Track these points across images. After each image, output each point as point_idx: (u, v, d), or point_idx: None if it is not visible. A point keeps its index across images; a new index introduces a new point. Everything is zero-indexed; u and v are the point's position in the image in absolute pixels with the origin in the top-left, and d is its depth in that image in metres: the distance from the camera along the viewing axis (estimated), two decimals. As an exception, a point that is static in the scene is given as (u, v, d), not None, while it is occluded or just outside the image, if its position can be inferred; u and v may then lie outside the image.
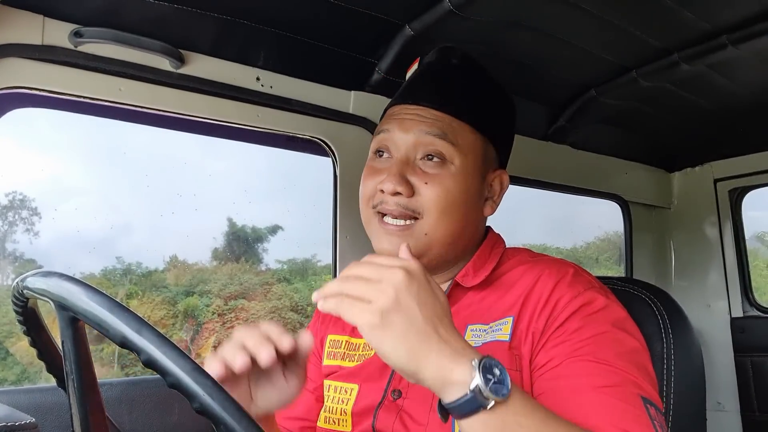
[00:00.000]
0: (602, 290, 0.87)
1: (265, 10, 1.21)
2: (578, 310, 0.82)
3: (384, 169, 0.93)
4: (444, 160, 0.91)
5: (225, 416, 0.50)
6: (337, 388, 1.00)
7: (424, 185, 0.90)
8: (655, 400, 0.77)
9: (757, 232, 3.54)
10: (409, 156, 0.93)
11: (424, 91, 0.96)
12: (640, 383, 0.76)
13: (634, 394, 0.74)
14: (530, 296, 0.87)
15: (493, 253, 0.98)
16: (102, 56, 1.14)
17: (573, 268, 0.89)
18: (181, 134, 1.36)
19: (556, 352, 0.80)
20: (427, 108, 0.94)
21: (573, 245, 4.05)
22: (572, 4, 1.21)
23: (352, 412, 0.95)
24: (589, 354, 0.78)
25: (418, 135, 0.92)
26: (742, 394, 2.16)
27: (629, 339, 0.81)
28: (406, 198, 0.90)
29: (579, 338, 0.80)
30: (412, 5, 1.23)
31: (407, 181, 0.90)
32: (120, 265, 3.64)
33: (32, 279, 0.64)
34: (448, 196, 0.90)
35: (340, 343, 1.05)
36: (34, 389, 1.10)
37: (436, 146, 0.91)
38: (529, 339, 0.83)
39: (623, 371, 0.76)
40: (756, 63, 1.47)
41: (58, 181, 2.72)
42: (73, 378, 0.59)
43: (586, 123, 1.86)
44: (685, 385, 0.97)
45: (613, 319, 0.83)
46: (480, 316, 0.91)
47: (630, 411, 0.73)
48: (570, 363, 0.78)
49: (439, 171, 0.91)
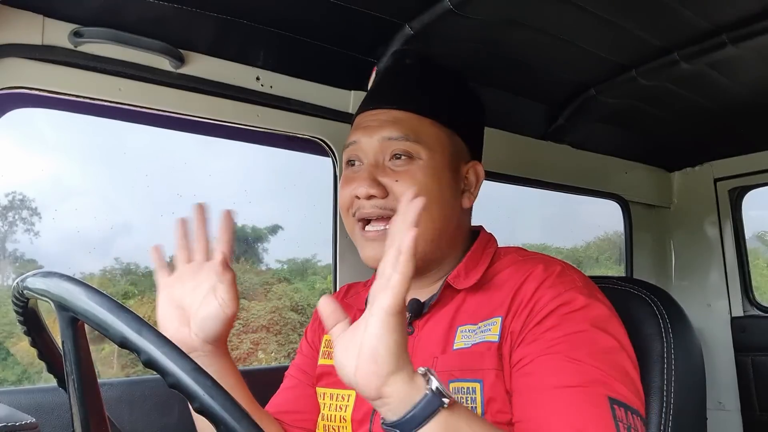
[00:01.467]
0: (585, 289, 0.86)
1: (265, 10, 1.21)
2: (556, 309, 0.82)
3: (356, 176, 0.96)
4: (411, 157, 0.94)
5: (225, 416, 0.51)
6: (333, 396, 1.00)
7: (395, 183, 0.93)
8: (627, 400, 0.76)
9: (758, 232, 3.54)
10: (377, 159, 0.95)
11: (382, 94, 1.00)
12: (609, 383, 0.76)
13: (599, 394, 0.74)
14: (516, 296, 0.87)
15: (485, 253, 0.98)
16: (102, 56, 1.14)
17: (560, 267, 0.89)
18: (181, 134, 1.36)
19: (529, 350, 0.80)
20: (387, 110, 0.97)
21: (573, 245, 4.05)
22: (571, 3, 1.21)
23: (352, 419, 0.95)
24: (560, 352, 0.78)
25: (382, 137, 0.95)
26: (743, 394, 2.16)
27: (606, 338, 0.81)
28: (381, 199, 0.93)
29: (552, 336, 0.80)
30: (411, 4, 1.23)
31: (379, 182, 0.93)
32: (119, 266, 3.64)
33: (32, 279, 0.64)
34: (421, 189, 0.90)
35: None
36: (35, 389, 1.10)
37: (401, 145, 0.94)
38: (509, 338, 0.84)
39: (593, 371, 0.76)
40: (756, 62, 1.47)
41: (58, 181, 2.71)
42: (74, 378, 0.59)
43: (586, 122, 1.86)
44: (686, 384, 0.97)
45: (592, 318, 0.82)
46: (469, 316, 0.91)
47: (590, 411, 0.72)
48: (540, 361, 0.78)
49: (407, 167, 0.94)
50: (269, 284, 5.11)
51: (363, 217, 0.95)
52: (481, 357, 0.84)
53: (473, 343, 0.87)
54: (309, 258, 5.12)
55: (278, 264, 5.29)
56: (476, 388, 0.83)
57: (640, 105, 1.78)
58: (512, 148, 1.81)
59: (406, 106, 0.96)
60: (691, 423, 0.99)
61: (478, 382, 0.83)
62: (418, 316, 0.96)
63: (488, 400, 0.81)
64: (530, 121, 1.83)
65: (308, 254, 5.05)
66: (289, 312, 4.94)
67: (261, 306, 4.96)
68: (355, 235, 0.98)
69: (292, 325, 4.74)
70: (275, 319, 4.76)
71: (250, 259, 5.10)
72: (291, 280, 5.18)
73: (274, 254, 5.17)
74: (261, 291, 5.03)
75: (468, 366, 0.84)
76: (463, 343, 0.88)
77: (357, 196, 0.94)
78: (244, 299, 4.92)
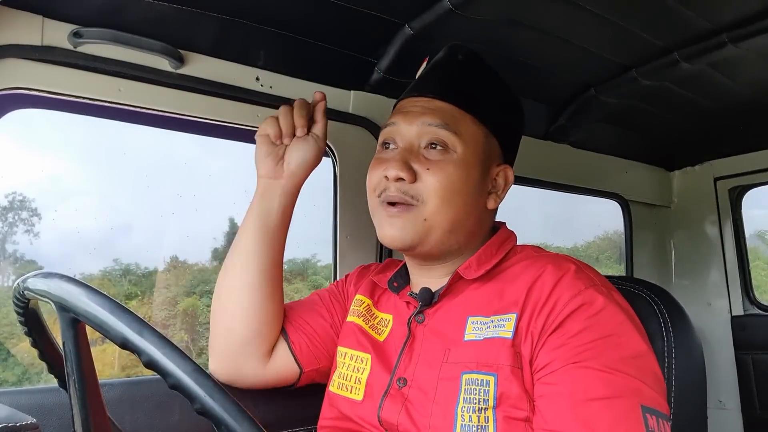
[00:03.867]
0: (604, 288, 0.86)
1: (265, 10, 1.21)
2: (578, 309, 0.81)
3: (389, 158, 0.97)
4: (447, 148, 0.95)
5: (226, 417, 0.50)
6: (353, 357, 1.02)
7: (426, 171, 0.93)
8: (658, 406, 0.75)
9: (758, 231, 3.53)
10: (413, 144, 0.96)
11: (428, 83, 1.01)
12: (642, 390, 0.75)
13: (632, 405, 0.73)
14: (531, 293, 0.86)
15: (501, 248, 0.99)
16: (101, 57, 1.14)
17: (575, 265, 0.89)
18: (181, 135, 1.36)
19: (556, 355, 0.79)
20: (430, 99, 0.98)
21: (573, 244, 4.05)
22: (572, 3, 1.20)
23: (367, 382, 0.97)
24: (589, 360, 0.77)
25: (422, 124, 0.96)
26: (743, 392, 2.16)
27: (633, 341, 0.80)
28: (408, 184, 0.93)
29: (579, 342, 0.78)
30: (411, 4, 1.23)
31: (410, 167, 0.94)
32: (119, 266, 3.65)
33: (33, 280, 0.64)
34: (449, 183, 0.93)
35: (362, 303, 1.09)
36: (36, 390, 1.10)
37: (439, 134, 0.95)
38: (528, 339, 0.83)
39: (625, 379, 0.75)
40: (756, 61, 1.47)
41: (58, 182, 2.71)
42: (75, 379, 0.59)
43: (586, 122, 1.86)
44: (686, 383, 0.97)
45: (617, 320, 0.81)
46: (480, 307, 0.91)
47: (623, 424, 0.72)
48: (569, 370, 0.77)
49: (441, 158, 0.94)
50: (269, 284, 5.10)
51: (388, 200, 0.96)
52: (497, 352, 0.84)
53: (485, 337, 0.87)
54: (309, 258, 5.12)
55: (278, 264, 5.28)
56: (490, 381, 0.82)
57: (640, 105, 1.78)
58: (512, 148, 1.81)
59: (449, 97, 0.97)
60: (692, 421, 0.99)
61: (492, 375, 0.83)
62: (429, 304, 0.97)
63: (500, 395, 0.81)
64: (531, 120, 1.82)
65: (308, 254, 5.04)
66: (290, 312, 4.93)
67: (261, 306, 4.94)
68: (377, 215, 0.99)
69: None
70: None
71: (251, 259, 5.08)
72: (291, 280, 5.18)
73: (274, 254, 5.16)
74: (261, 291, 5.01)
75: (483, 359, 0.84)
76: (474, 335, 0.88)
77: (386, 177, 0.95)
78: (245, 299, 4.90)
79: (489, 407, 0.81)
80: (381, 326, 1.03)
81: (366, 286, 1.12)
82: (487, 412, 0.81)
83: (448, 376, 0.86)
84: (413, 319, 0.97)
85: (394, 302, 1.05)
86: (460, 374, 0.85)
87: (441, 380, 0.87)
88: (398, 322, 1.01)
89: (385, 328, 1.02)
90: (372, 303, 1.08)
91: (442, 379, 0.87)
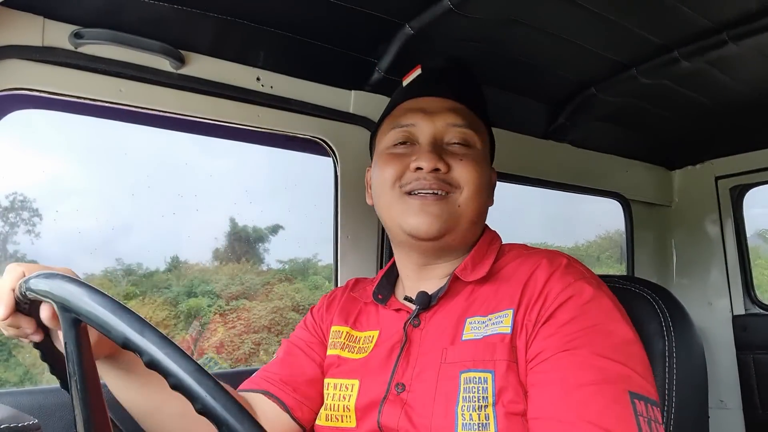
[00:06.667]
0: (593, 280, 0.88)
1: (265, 10, 1.21)
2: (568, 300, 0.83)
3: (410, 153, 1.00)
4: (469, 145, 1.00)
5: (227, 417, 0.50)
6: (337, 386, 1.01)
7: (459, 162, 0.97)
8: (646, 392, 0.76)
9: (759, 230, 3.53)
10: (437, 140, 1.00)
11: (441, 85, 1.05)
12: (631, 376, 0.76)
13: (620, 391, 0.74)
14: (526, 289, 0.88)
15: (490, 248, 1.01)
16: (102, 57, 1.14)
17: (566, 259, 0.91)
18: (182, 135, 1.37)
19: (547, 344, 0.81)
20: (445, 99, 1.03)
21: (574, 243, 4.05)
22: (572, 2, 1.20)
23: (356, 408, 0.95)
24: (579, 348, 0.78)
25: (446, 123, 1.00)
26: (745, 392, 2.16)
27: (621, 329, 0.81)
28: (444, 173, 0.96)
29: (569, 331, 0.80)
30: (411, 4, 1.23)
31: (442, 158, 0.97)
32: (120, 266, 3.65)
33: (35, 280, 0.64)
34: (478, 174, 0.98)
35: (341, 334, 1.07)
36: (37, 390, 1.10)
37: (463, 132, 1.00)
38: (523, 332, 0.85)
39: (614, 366, 0.76)
40: (756, 59, 1.47)
41: (59, 183, 2.72)
42: (76, 379, 0.59)
43: (586, 121, 1.86)
44: (688, 383, 0.97)
45: (605, 309, 0.83)
46: (477, 308, 0.92)
47: (612, 409, 0.73)
48: (560, 357, 0.79)
49: (467, 152, 0.99)
50: (270, 284, 5.11)
51: (413, 189, 0.97)
52: (494, 348, 0.85)
53: (484, 335, 0.87)
54: (310, 258, 5.12)
55: (279, 264, 5.29)
56: (488, 378, 0.83)
57: (640, 103, 1.78)
58: (513, 147, 1.81)
59: (463, 99, 1.04)
60: (693, 421, 0.99)
61: (489, 372, 0.83)
62: (426, 308, 0.97)
63: (500, 390, 0.82)
64: (531, 119, 1.83)
65: (309, 254, 5.04)
66: (291, 312, 4.94)
67: (262, 306, 4.96)
68: (399, 206, 0.98)
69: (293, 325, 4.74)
70: (276, 320, 4.76)
71: (251, 259, 5.10)
72: (292, 280, 5.17)
73: (275, 254, 5.17)
74: (262, 291, 5.03)
75: (480, 357, 0.85)
76: (473, 335, 0.89)
77: (419, 167, 0.96)
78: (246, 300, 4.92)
79: (489, 404, 0.82)
80: (365, 344, 1.02)
81: (340, 314, 1.10)
82: (487, 409, 0.81)
83: (447, 377, 0.87)
84: (409, 324, 0.97)
85: (377, 316, 1.05)
86: (458, 373, 0.86)
87: (440, 381, 0.87)
88: (387, 334, 1.00)
89: (369, 344, 1.02)
90: (350, 328, 1.07)
91: (441, 379, 0.87)
